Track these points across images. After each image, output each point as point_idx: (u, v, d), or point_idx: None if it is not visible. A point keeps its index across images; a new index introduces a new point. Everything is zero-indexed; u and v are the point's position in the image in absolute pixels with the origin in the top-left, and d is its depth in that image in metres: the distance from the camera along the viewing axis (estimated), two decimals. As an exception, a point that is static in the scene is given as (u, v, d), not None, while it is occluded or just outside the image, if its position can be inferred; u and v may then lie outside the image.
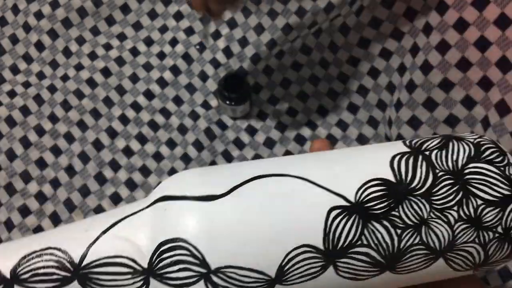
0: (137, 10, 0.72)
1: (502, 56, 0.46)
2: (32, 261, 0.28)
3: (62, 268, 0.28)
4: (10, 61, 0.70)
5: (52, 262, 0.28)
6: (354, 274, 0.29)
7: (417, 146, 0.32)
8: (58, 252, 0.28)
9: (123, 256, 0.28)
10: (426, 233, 0.29)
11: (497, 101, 0.47)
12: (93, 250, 0.28)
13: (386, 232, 0.28)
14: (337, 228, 0.28)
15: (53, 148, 0.65)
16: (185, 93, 0.68)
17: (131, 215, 0.30)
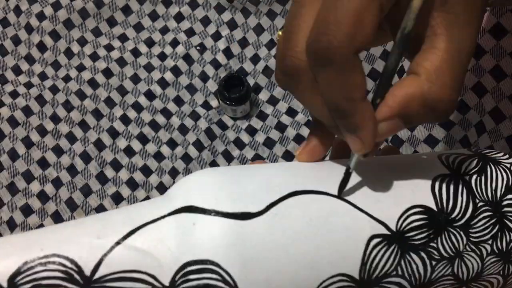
0: (138, 12, 0.73)
1: (495, 65, 0.47)
2: (35, 269, 0.24)
3: (70, 280, 0.24)
4: (13, 62, 0.71)
5: (58, 272, 0.24)
6: None
7: (456, 168, 0.31)
8: (66, 262, 0.24)
9: (141, 271, 0.24)
10: (458, 265, 0.28)
11: (491, 108, 0.48)
12: (107, 262, 0.24)
13: (421, 264, 0.28)
14: (375, 257, 0.27)
15: (55, 148, 0.66)
16: (185, 93, 0.69)
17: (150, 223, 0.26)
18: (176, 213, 0.26)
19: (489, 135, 0.48)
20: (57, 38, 0.71)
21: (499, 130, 0.47)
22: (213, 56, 0.70)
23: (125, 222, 0.26)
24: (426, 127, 0.54)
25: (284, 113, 0.67)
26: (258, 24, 0.70)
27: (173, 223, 0.26)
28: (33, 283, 0.23)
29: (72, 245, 0.25)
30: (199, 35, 0.71)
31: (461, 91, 0.24)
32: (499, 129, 0.47)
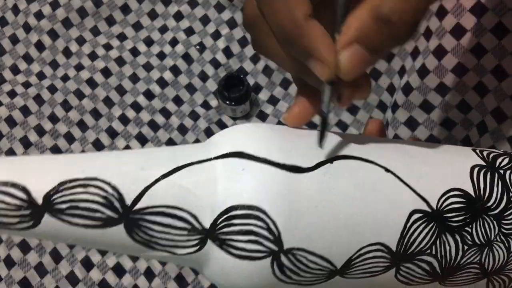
0: (137, 10, 0.72)
1: (497, 64, 0.46)
2: (74, 190, 0.23)
3: (109, 206, 0.23)
4: (11, 61, 0.70)
5: (98, 197, 0.23)
6: (409, 280, 0.28)
7: (491, 161, 0.31)
8: (107, 187, 0.23)
9: (183, 209, 0.24)
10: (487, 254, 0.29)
11: (493, 108, 0.48)
12: (149, 194, 0.24)
13: (454, 246, 0.28)
14: (414, 232, 0.27)
15: (53, 148, 0.65)
16: (185, 93, 0.69)
17: (196, 163, 0.25)
18: (224, 157, 0.25)
19: (491, 135, 0.48)
20: (55, 37, 0.70)
21: (501, 130, 0.47)
22: (213, 55, 0.70)
23: (170, 158, 0.25)
24: (428, 127, 0.54)
25: (284, 113, 0.67)
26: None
27: (220, 166, 0.25)
28: (70, 203, 0.23)
29: (115, 172, 0.24)
30: (199, 34, 0.71)
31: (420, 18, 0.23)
32: (501, 129, 0.47)
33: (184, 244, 0.24)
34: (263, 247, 0.24)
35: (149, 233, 0.24)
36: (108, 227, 0.23)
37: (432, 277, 0.28)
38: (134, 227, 0.23)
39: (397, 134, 0.57)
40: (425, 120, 0.54)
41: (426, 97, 0.52)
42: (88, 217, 0.23)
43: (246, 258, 0.24)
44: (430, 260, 0.28)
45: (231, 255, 0.24)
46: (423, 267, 0.28)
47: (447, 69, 0.50)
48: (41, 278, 0.60)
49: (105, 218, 0.23)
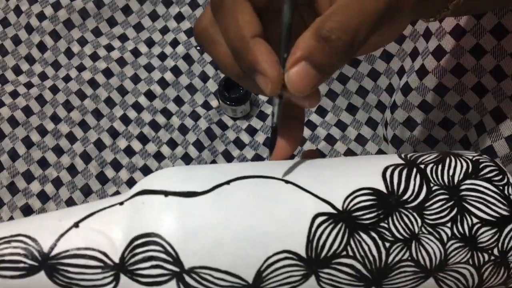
0: (139, 12, 0.73)
1: (496, 65, 0.47)
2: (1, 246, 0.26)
3: (30, 256, 0.26)
4: (13, 62, 0.71)
5: (20, 249, 0.26)
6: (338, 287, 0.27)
7: (413, 160, 0.31)
8: (28, 240, 0.26)
9: (94, 248, 0.26)
10: (417, 249, 0.27)
11: (492, 108, 0.48)
12: (64, 241, 0.26)
13: (373, 244, 0.27)
14: (322, 235, 0.27)
15: (55, 148, 0.66)
16: (186, 93, 0.69)
17: (108, 208, 0.28)
18: (131, 198, 0.28)
19: (489, 135, 0.48)
20: (57, 38, 0.71)
21: (499, 130, 0.47)
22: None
23: (85, 208, 0.28)
24: (426, 127, 0.54)
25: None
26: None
27: (127, 206, 0.28)
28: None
29: (36, 227, 0.27)
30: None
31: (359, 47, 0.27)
32: (499, 128, 0.47)
33: (101, 283, 0.26)
34: (165, 270, 0.26)
35: (67, 275, 0.26)
36: (31, 275, 0.26)
37: (363, 282, 0.27)
38: (53, 272, 0.26)
39: (396, 134, 0.57)
40: (423, 120, 0.54)
41: (425, 97, 0.53)
42: (13, 268, 0.26)
43: (153, 284, 0.26)
44: (350, 262, 0.27)
45: (142, 284, 0.26)
46: (346, 271, 0.27)
47: (446, 69, 0.50)
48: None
49: (28, 267, 0.26)
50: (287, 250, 0.26)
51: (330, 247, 0.27)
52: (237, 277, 0.26)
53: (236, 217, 0.27)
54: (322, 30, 0.26)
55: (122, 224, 0.27)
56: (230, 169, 0.29)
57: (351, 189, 0.28)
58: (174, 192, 0.27)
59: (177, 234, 0.26)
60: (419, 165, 0.30)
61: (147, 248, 0.26)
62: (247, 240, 0.26)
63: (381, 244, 0.27)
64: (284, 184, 0.28)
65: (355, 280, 0.27)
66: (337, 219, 0.27)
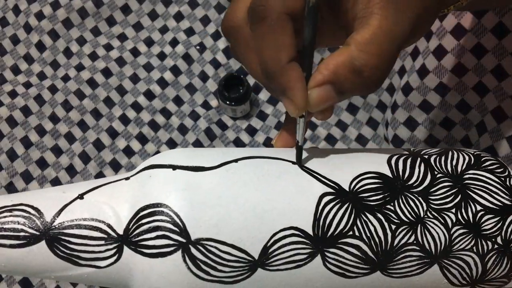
0: (138, 11, 0.72)
1: (497, 64, 0.46)
2: (2, 214, 0.26)
3: (31, 226, 0.25)
4: (11, 62, 0.70)
5: (21, 218, 0.26)
6: (343, 270, 0.27)
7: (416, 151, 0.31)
8: (30, 209, 0.26)
9: (98, 219, 0.26)
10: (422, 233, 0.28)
11: (493, 108, 0.48)
12: (67, 211, 0.26)
13: (379, 226, 0.27)
14: (329, 214, 0.27)
15: (54, 148, 0.66)
16: (185, 93, 0.69)
17: (113, 182, 0.28)
18: (137, 173, 0.28)
19: (490, 135, 0.48)
20: (56, 38, 0.71)
21: (500, 129, 0.47)
22: (213, 55, 0.70)
23: (90, 183, 0.28)
24: (427, 127, 0.54)
25: (284, 113, 0.67)
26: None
27: (133, 180, 0.28)
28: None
29: (38, 197, 0.27)
30: (199, 35, 0.71)
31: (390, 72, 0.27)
32: (500, 128, 0.47)
33: (103, 255, 0.26)
34: (170, 240, 0.25)
35: (69, 246, 0.26)
36: (31, 244, 0.25)
37: (369, 264, 0.27)
38: (54, 242, 0.25)
39: (397, 134, 0.57)
40: (424, 120, 0.54)
41: (425, 97, 0.53)
42: (13, 236, 0.25)
43: (158, 255, 0.25)
44: (357, 243, 0.27)
45: (145, 255, 0.26)
46: (352, 251, 0.27)
47: (447, 69, 0.50)
48: (42, 277, 0.60)
49: (28, 236, 0.25)
50: (294, 226, 0.26)
51: (336, 226, 0.27)
52: (243, 251, 0.26)
53: (244, 193, 0.27)
54: (356, 62, 0.26)
55: (128, 197, 0.27)
56: (237, 151, 0.30)
57: (357, 173, 0.28)
58: (182, 166, 0.27)
59: (184, 205, 0.26)
60: (423, 156, 0.30)
61: (153, 218, 0.26)
62: (254, 215, 0.26)
63: (387, 225, 0.27)
64: (291, 165, 0.28)
65: (361, 262, 0.27)
66: (343, 199, 0.27)
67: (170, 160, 0.28)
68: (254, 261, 0.26)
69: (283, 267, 0.27)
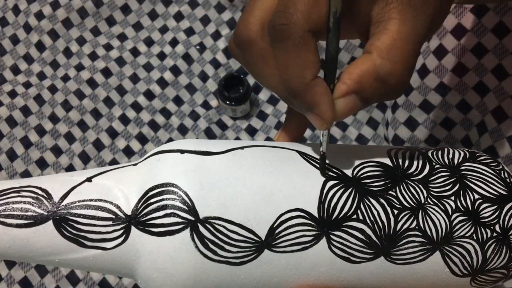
0: (138, 11, 0.72)
1: (498, 64, 0.46)
2: (9, 195, 0.26)
3: (39, 205, 0.26)
4: (11, 61, 0.70)
5: (29, 198, 0.26)
6: (348, 254, 0.28)
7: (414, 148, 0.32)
8: (38, 190, 0.26)
9: (106, 200, 0.26)
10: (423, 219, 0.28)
11: (494, 107, 0.48)
12: (75, 192, 0.26)
13: (382, 210, 0.28)
14: (333, 197, 0.27)
15: (54, 148, 0.65)
16: (185, 93, 0.69)
17: (121, 167, 0.28)
18: (145, 159, 0.28)
19: (490, 135, 0.48)
20: (55, 38, 0.70)
21: (501, 129, 0.47)
22: (213, 55, 0.70)
23: (98, 169, 0.28)
24: (427, 127, 0.54)
25: (284, 113, 0.67)
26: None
27: (141, 165, 0.28)
28: (6, 206, 0.25)
29: (47, 179, 0.27)
30: (199, 35, 0.71)
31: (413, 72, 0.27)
32: (501, 128, 0.47)
33: (110, 236, 0.26)
34: (179, 218, 0.26)
35: (76, 226, 0.26)
36: (38, 225, 0.25)
37: (373, 249, 0.28)
38: (61, 222, 0.25)
39: (397, 134, 0.57)
40: (424, 120, 0.54)
41: (426, 97, 0.52)
42: (20, 216, 0.25)
43: (166, 233, 0.25)
44: (361, 226, 0.27)
45: (153, 234, 0.26)
46: (356, 235, 0.27)
47: (447, 69, 0.50)
48: (42, 277, 0.60)
49: (35, 215, 0.25)
50: (300, 208, 0.27)
51: (341, 209, 0.27)
52: (250, 231, 0.26)
53: (251, 175, 0.27)
54: (380, 70, 0.26)
55: (136, 180, 0.27)
56: (243, 142, 0.30)
57: (360, 161, 0.29)
58: (190, 151, 0.28)
59: (193, 184, 0.26)
60: (421, 150, 0.32)
61: (162, 197, 0.26)
62: (261, 196, 0.27)
63: (389, 210, 0.28)
64: (295, 153, 0.29)
65: (365, 247, 0.28)
66: (347, 184, 0.28)
67: (178, 146, 0.28)
68: (261, 241, 0.27)
69: (289, 249, 0.27)
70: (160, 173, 0.27)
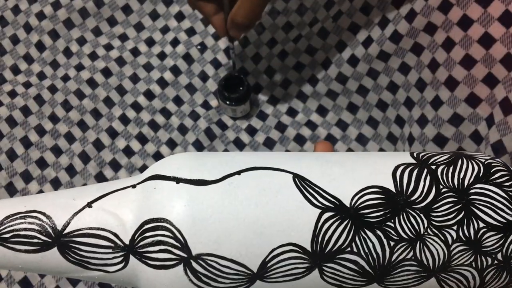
0: (139, 11, 0.72)
1: (506, 53, 0.46)
2: (15, 221, 0.27)
3: (44, 233, 0.27)
4: (11, 61, 0.70)
5: (35, 225, 0.27)
6: (340, 281, 0.28)
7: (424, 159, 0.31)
8: (42, 217, 0.27)
9: (106, 229, 0.27)
10: (421, 250, 0.28)
11: (501, 99, 0.47)
12: (77, 219, 0.27)
13: (378, 242, 0.27)
14: (328, 231, 0.27)
15: (54, 148, 0.65)
16: (185, 93, 0.69)
17: (120, 190, 0.29)
18: (143, 182, 0.29)
19: (498, 128, 0.47)
20: (56, 38, 0.70)
21: (507, 122, 0.46)
22: (214, 55, 0.70)
23: (99, 189, 0.29)
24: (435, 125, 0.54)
25: (284, 113, 0.67)
26: (259, 23, 0.69)
27: (139, 190, 0.29)
28: (13, 233, 0.27)
29: (50, 204, 0.28)
30: (200, 34, 0.71)
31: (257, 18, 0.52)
32: (507, 121, 0.46)
33: (111, 262, 0.27)
34: (172, 255, 0.27)
35: (79, 253, 0.27)
36: (44, 250, 0.27)
37: (366, 278, 0.28)
38: (65, 249, 0.27)
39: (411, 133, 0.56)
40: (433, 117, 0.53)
41: (437, 92, 0.52)
42: (27, 243, 0.27)
43: (161, 267, 0.27)
44: (354, 258, 0.27)
45: (150, 266, 0.27)
46: (349, 266, 0.27)
47: (456, 61, 0.49)
48: (41, 278, 0.60)
49: (41, 242, 0.27)
50: (292, 243, 0.27)
51: (335, 242, 0.27)
52: (242, 265, 0.27)
53: (244, 208, 0.27)
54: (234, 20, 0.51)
55: (133, 207, 0.28)
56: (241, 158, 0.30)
57: (360, 187, 0.29)
58: (185, 180, 0.28)
59: (186, 220, 0.27)
60: (431, 166, 0.30)
61: (157, 232, 0.27)
62: (254, 231, 0.27)
63: (386, 242, 0.28)
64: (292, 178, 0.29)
65: (357, 276, 0.28)
66: (343, 216, 0.28)
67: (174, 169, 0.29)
68: (253, 274, 0.27)
69: (281, 279, 0.27)
70: (155, 205, 0.27)
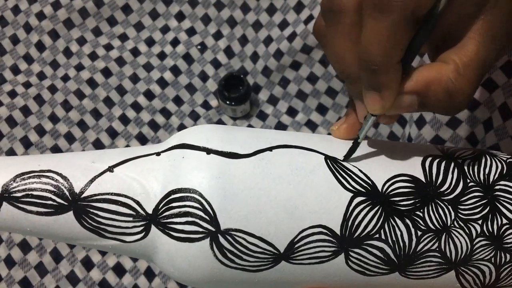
0: (139, 11, 0.72)
1: (507, 60, 0.46)
2: (29, 180, 0.25)
3: (59, 195, 0.25)
4: (11, 61, 0.70)
5: (50, 186, 0.25)
6: (364, 268, 0.27)
7: (450, 152, 0.31)
8: (59, 178, 0.25)
9: (128, 196, 0.26)
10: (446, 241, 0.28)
11: (500, 104, 0.47)
12: (97, 183, 0.26)
13: (406, 231, 0.27)
14: (358, 215, 0.27)
15: (54, 148, 0.65)
16: (185, 93, 0.69)
17: (144, 156, 0.27)
18: (169, 150, 0.27)
19: (496, 133, 0.47)
20: (56, 38, 0.70)
21: (505, 127, 0.46)
22: (214, 55, 0.70)
23: (120, 153, 0.27)
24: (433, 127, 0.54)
25: (284, 113, 0.66)
26: (257, 20, 0.69)
27: (164, 158, 0.27)
28: (25, 192, 0.25)
29: (67, 165, 0.26)
30: (200, 34, 0.71)
31: None
32: (505, 126, 0.46)
33: (130, 231, 0.26)
34: (200, 227, 0.25)
35: (96, 219, 0.25)
36: (58, 214, 0.25)
37: (389, 266, 0.28)
38: (82, 214, 0.25)
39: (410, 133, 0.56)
40: (431, 119, 0.53)
41: None
42: (41, 204, 0.25)
43: (185, 240, 0.25)
44: (381, 245, 0.27)
45: (173, 238, 0.25)
46: (375, 253, 0.27)
47: None
48: (42, 278, 0.60)
49: (56, 205, 0.25)
50: (322, 225, 0.26)
51: (364, 228, 0.27)
52: (270, 244, 0.26)
53: (276, 185, 0.26)
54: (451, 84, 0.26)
55: (158, 175, 0.26)
56: (271, 135, 0.29)
57: (391, 174, 0.28)
58: (216, 151, 0.27)
59: (217, 193, 0.26)
60: (457, 159, 0.30)
61: (185, 203, 0.25)
62: (284, 211, 0.26)
63: (413, 231, 0.27)
64: (323, 160, 0.28)
65: (381, 264, 0.28)
66: (375, 202, 0.27)
67: (203, 140, 0.27)
68: (279, 254, 0.26)
69: (306, 262, 0.27)
70: (184, 174, 0.26)
